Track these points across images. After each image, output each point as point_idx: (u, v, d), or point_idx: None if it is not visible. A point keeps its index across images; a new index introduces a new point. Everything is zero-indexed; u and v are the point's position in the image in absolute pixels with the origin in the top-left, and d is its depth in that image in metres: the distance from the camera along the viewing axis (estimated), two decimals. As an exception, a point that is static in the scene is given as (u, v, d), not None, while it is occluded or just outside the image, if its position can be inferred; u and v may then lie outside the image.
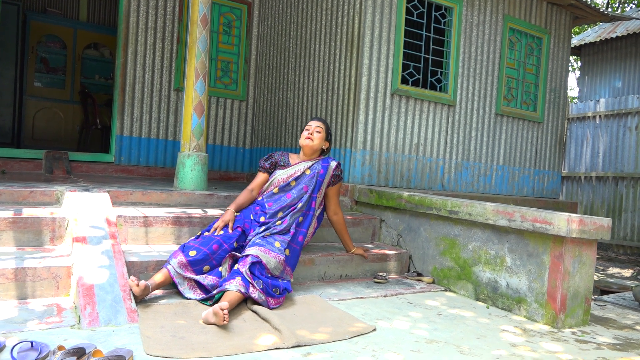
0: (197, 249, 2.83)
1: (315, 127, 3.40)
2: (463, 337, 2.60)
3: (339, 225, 3.57)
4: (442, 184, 5.49)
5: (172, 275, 2.74)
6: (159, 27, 5.80)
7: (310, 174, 3.35)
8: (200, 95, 4.14)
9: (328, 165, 3.40)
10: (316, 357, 2.14)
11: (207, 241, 2.89)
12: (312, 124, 3.43)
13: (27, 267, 2.53)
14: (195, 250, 2.82)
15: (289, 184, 3.32)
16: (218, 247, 2.87)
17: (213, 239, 2.91)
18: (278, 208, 3.21)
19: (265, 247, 2.88)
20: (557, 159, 6.66)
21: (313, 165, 3.38)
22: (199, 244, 2.87)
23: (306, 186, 3.31)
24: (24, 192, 3.33)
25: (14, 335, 2.09)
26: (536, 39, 6.26)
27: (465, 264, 3.54)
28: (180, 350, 2.07)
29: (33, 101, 7.82)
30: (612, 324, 3.17)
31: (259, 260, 2.79)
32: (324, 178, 3.38)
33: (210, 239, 2.91)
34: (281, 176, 3.33)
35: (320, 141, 3.40)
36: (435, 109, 5.35)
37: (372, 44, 4.81)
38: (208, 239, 2.91)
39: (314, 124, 3.43)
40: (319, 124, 3.43)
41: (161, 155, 5.91)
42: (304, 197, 3.27)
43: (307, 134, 3.37)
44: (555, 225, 2.92)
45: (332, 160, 3.44)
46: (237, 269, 2.74)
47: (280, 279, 2.89)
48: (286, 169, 3.36)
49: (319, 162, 3.41)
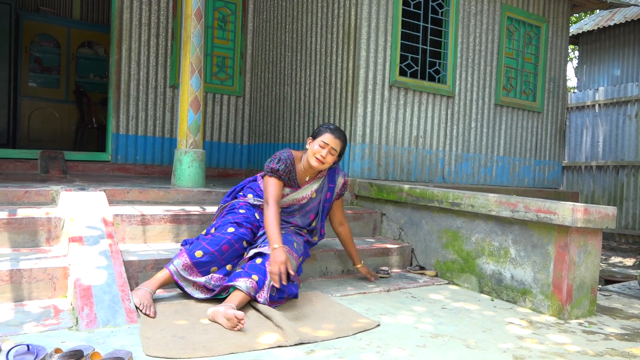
0: (203, 248, 2.64)
1: (331, 149, 2.88)
2: (468, 330, 2.56)
3: (344, 236, 3.28)
4: (443, 176, 5.44)
5: (176, 279, 2.62)
6: (153, 23, 5.73)
7: (316, 197, 3.06)
8: (196, 91, 4.08)
9: (335, 184, 3.12)
10: (320, 355, 2.09)
11: (217, 241, 2.68)
12: (329, 141, 2.88)
13: (22, 269, 2.47)
14: (201, 251, 2.63)
15: (293, 209, 3.05)
16: (228, 248, 2.68)
17: (224, 238, 2.69)
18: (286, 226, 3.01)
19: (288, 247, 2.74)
20: (557, 149, 6.61)
21: (320, 187, 3.06)
22: (207, 243, 2.66)
23: (313, 215, 3.08)
24: (19, 192, 3.28)
25: (10, 339, 2.04)
26: (534, 27, 6.20)
27: (469, 256, 3.50)
28: (181, 350, 2.02)
29: (28, 101, 7.75)
30: (618, 313, 3.13)
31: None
32: (331, 202, 3.15)
33: (221, 238, 2.69)
34: (285, 201, 3.00)
35: (331, 163, 2.94)
36: (434, 101, 5.29)
37: (369, 35, 4.75)
38: (218, 239, 2.69)
39: (332, 142, 2.88)
40: (336, 144, 2.90)
41: (158, 153, 5.85)
42: (312, 225, 3.10)
43: (320, 156, 2.87)
44: (559, 215, 2.87)
45: (339, 176, 3.14)
46: (258, 266, 2.60)
47: (292, 282, 2.72)
48: (292, 194, 3.00)
49: (326, 179, 3.08)
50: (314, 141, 2.91)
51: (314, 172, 3.02)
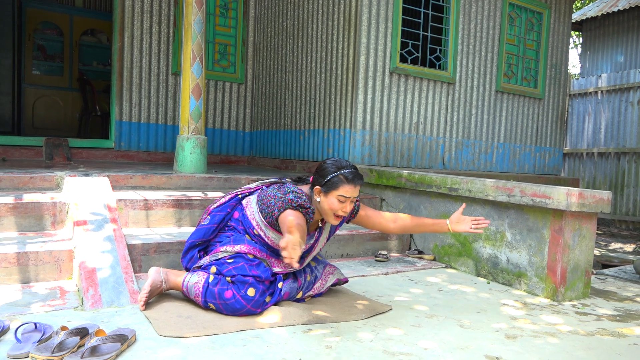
0: (217, 306, 2.28)
1: (353, 198, 2.36)
2: (463, 311, 2.62)
3: (406, 222, 2.62)
4: (443, 163, 5.48)
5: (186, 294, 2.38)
6: (154, 11, 5.75)
7: (324, 234, 2.60)
8: (198, 78, 4.12)
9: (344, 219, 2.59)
10: (317, 333, 2.16)
11: (234, 309, 2.26)
12: (351, 193, 2.33)
13: (29, 252, 2.55)
14: (215, 307, 2.29)
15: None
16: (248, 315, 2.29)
17: (244, 307, 2.26)
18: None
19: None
20: (558, 136, 6.63)
21: (328, 228, 2.61)
22: (222, 307, 2.26)
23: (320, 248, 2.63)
24: (24, 178, 3.35)
25: (18, 318, 2.12)
26: (536, 14, 6.18)
27: (466, 241, 3.55)
28: (191, 329, 2.09)
29: (32, 89, 7.80)
30: (612, 296, 3.19)
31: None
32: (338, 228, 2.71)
33: (239, 307, 2.26)
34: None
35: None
36: (435, 87, 5.31)
37: (370, 22, 4.76)
38: (235, 308, 2.25)
39: (353, 193, 2.34)
40: (356, 192, 2.36)
41: (161, 139, 5.90)
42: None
43: (342, 212, 2.36)
44: (554, 199, 2.92)
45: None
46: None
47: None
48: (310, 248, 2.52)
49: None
50: (328, 195, 2.33)
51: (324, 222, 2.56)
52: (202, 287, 2.29)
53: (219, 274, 2.31)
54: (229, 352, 1.92)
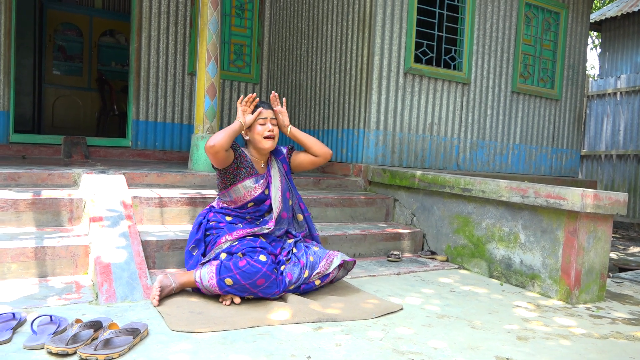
0: (234, 277, 2.37)
1: (271, 120, 2.73)
2: (475, 312, 2.61)
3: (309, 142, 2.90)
4: (457, 164, 5.45)
5: (205, 292, 2.47)
6: (171, 11, 5.82)
7: (274, 169, 2.85)
8: (212, 77, 4.16)
9: (284, 156, 2.91)
10: (327, 331, 2.17)
11: (250, 274, 2.36)
12: (266, 112, 2.72)
13: (46, 246, 2.60)
14: (231, 279, 2.36)
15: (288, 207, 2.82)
16: (264, 282, 2.40)
17: (259, 270, 2.37)
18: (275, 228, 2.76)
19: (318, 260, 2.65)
20: (575, 137, 6.55)
21: (278, 166, 2.87)
22: (239, 276, 2.36)
23: (288, 193, 2.85)
24: (43, 174, 3.41)
25: (34, 311, 2.17)
26: (553, 14, 6.12)
27: (479, 242, 3.53)
28: (203, 325, 2.12)
29: (52, 89, 7.95)
30: (628, 300, 3.14)
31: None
32: (290, 171, 2.94)
33: (255, 271, 2.36)
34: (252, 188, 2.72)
35: (278, 133, 2.78)
36: (450, 88, 5.29)
37: (384, 22, 4.76)
38: (251, 273, 2.36)
39: (267, 114, 2.73)
40: (271, 113, 2.75)
41: (177, 139, 5.97)
42: (290, 205, 2.87)
43: (268, 132, 2.69)
44: (569, 200, 2.89)
45: (280, 148, 2.93)
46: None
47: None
48: (255, 177, 2.73)
49: (272, 157, 2.88)
50: (252, 127, 2.71)
51: (265, 157, 2.82)
52: (216, 266, 2.42)
53: (230, 254, 2.51)
54: (239, 348, 1.94)
